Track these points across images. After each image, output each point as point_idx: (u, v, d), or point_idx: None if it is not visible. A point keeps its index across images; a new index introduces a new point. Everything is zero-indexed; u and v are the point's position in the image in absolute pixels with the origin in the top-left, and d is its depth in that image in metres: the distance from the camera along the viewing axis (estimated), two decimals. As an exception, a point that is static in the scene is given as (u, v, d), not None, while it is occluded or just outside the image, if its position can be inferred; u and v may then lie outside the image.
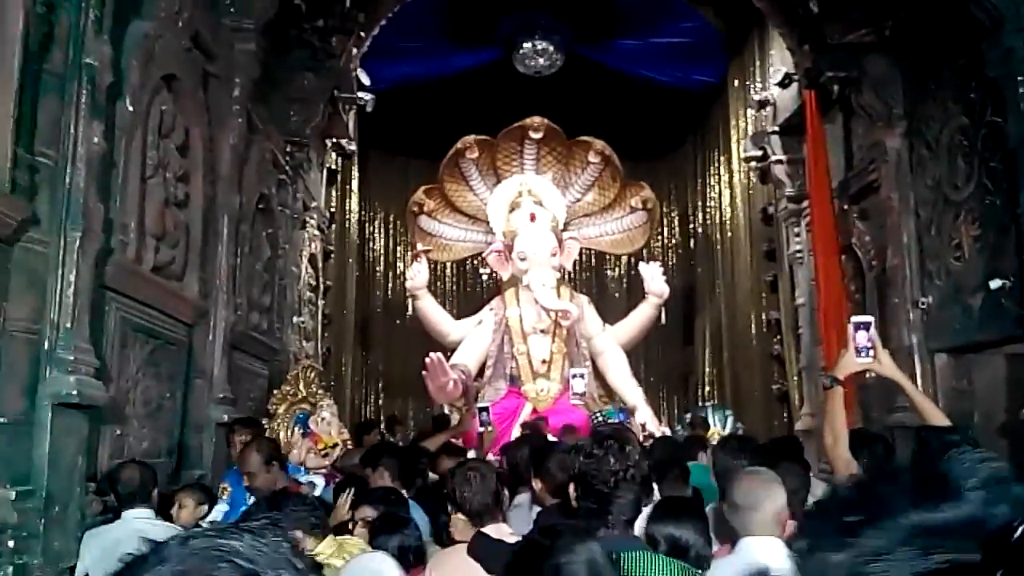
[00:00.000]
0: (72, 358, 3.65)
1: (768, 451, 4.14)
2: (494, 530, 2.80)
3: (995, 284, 5.83)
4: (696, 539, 2.82)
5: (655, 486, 3.36)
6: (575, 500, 2.34)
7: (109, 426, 4.25)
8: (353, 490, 3.91)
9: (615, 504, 2.23)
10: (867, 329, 2.99)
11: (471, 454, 6.20)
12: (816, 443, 6.10)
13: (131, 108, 4.29)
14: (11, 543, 2.77)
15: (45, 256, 3.63)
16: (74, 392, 3.60)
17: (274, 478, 4.01)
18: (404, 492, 3.99)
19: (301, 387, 7.36)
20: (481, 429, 6.66)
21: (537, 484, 3.64)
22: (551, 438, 7.43)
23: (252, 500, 3.85)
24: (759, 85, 9.89)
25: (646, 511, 2.85)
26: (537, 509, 3.69)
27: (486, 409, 6.83)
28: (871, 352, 2.98)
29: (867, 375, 3.26)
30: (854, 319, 3.15)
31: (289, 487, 4.03)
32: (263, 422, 7.01)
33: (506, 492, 3.34)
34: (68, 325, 3.67)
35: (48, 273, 3.64)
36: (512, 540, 2.58)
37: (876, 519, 0.67)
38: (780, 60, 9.13)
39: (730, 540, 2.63)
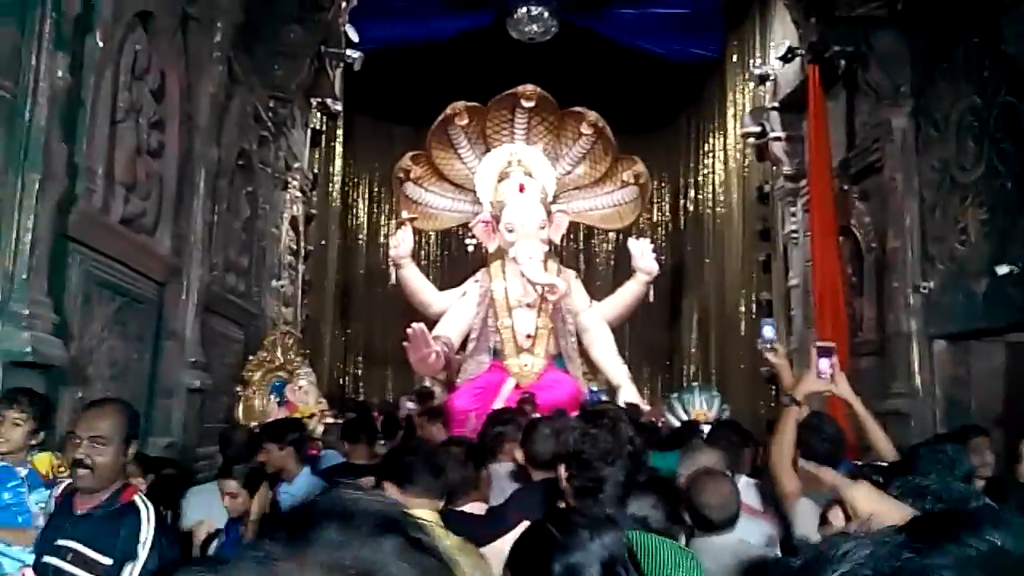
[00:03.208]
0: (27, 312, 3.36)
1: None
2: (471, 507, 2.79)
3: (1002, 270, 5.64)
4: (654, 513, 2.66)
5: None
6: (566, 479, 2.25)
7: (69, 388, 3.93)
8: None
9: (608, 482, 2.17)
10: (829, 356, 3.14)
11: None
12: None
13: (101, 44, 3.96)
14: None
15: (-1, 199, 3.32)
16: (28, 349, 3.31)
17: None
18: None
19: (279, 354, 7.11)
20: None
21: (519, 455, 3.40)
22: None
23: None
24: (759, 59, 9.62)
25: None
26: (515, 485, 3.44)
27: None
28: (831, 376, 3.13)
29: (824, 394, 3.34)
30: (818, 344, 3.32)
31: None
32: (237, 389, 6.76)
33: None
34: (24, 276, 3.38)
35: (2, 218, 3.32)
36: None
37: None
38: (782, 33, 8.86)
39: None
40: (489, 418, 4.41)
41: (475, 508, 2.83)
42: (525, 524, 2.24)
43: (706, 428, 7.59)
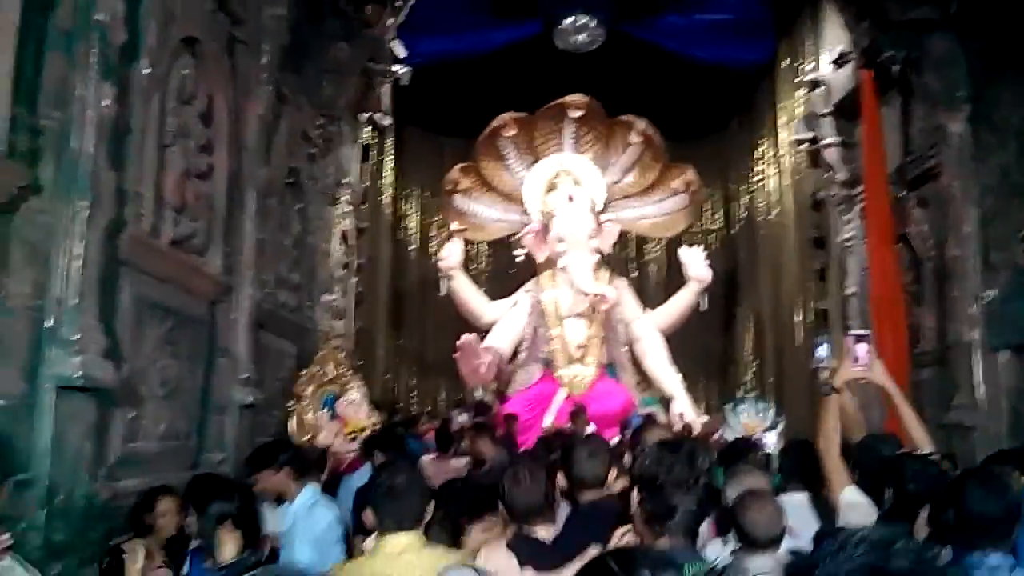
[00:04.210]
0: (77, 337, 3.42)
1: None
2: (543, 531, 2.73)
3: (1067, 278, 5.45)
4: None
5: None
6: (638, 503, 2.29)
7: (121, 409, 4.01)
8: None
9: (679, 510, 2.19)
10: (865, 342, 3.23)
11: None
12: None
13: (148, 70, 4.04)
14: (6, 536, 2.53)
15: (49, 226, 3.39)
16: (78, 374, 3.37)
17: None
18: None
19: (330, 368, 7.17)
20: None
21: (560, 478, 3.38)
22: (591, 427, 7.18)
23: None
24: (811, 64, 9.44)
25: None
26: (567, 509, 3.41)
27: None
28: (867, 362, 3.21)
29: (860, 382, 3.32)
30: (853, 332, 3.41)
31: None
32: (289, 404, 6.83)
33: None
34: (74, 301, 3.44)
35: (52, 245, 3.40)
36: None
37: None
38: (834, 38, 8.69)
39: None
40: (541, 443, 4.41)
41: (548, 532, 2.77)
42: (590, 551, 2.37)
43: (768, 440, 7.50)
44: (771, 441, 7.09)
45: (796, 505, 3.22)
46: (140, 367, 4.26)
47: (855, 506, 2.93)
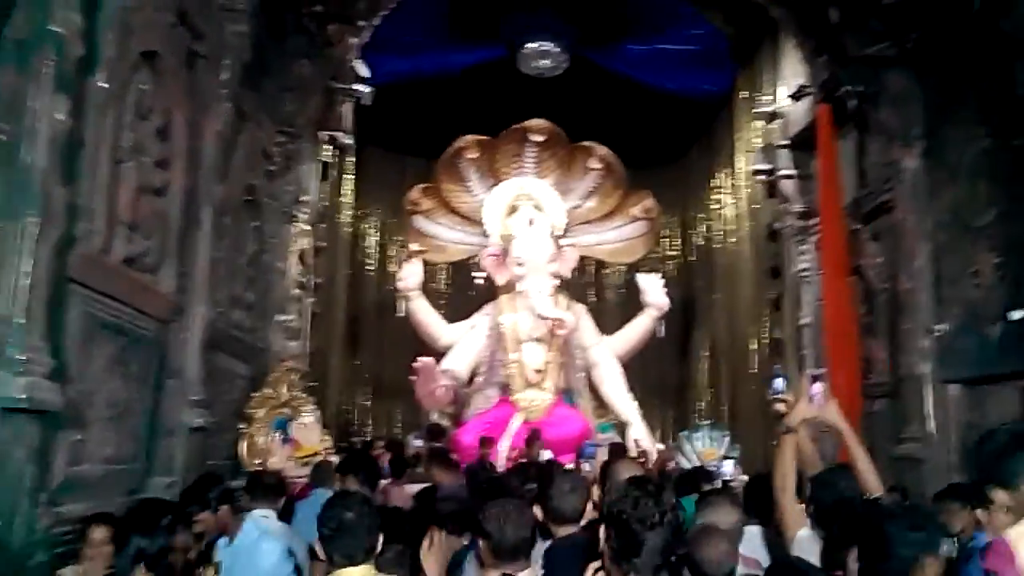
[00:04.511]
0: (24, 358, 3.30)
1: None
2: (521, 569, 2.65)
3: (1016, 315, 5.55)
4: None
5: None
6: (605, 540, 2.30)
7: (66, 432, 3.87)
8: None
9: (645, 547, 2.21)
10: (820, 381, 3.24)
11: None
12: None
13: (105, 84, 3.94)
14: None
15: (-4, 242, 3.29)
16: (23, 396, 3.25)
17: None
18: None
19: (284, 390, 7.05)
20: None
21: (538, 511, 3.32)
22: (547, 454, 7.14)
23: None
24: (769, 97, 9.59)
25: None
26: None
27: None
28: (821, 402, 3.21)
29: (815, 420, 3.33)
30: (809, 371, 3.44)
31: None
32: (241, 427, 6.68)
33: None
34: (20, 320, 3.33)
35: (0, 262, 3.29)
36: None
37: None
38: (792, 72, 8.83)
39: None
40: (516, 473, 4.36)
41: (527, 572, 2.68)
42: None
43: (725, 469, 7.52)
44: (728, 470, 7.12)
45: (751, 536, 3.21)
46: (87, 388, 4.13)
47: (807, 546, 2.93)
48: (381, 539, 2.58)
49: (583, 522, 3.07)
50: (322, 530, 2.51)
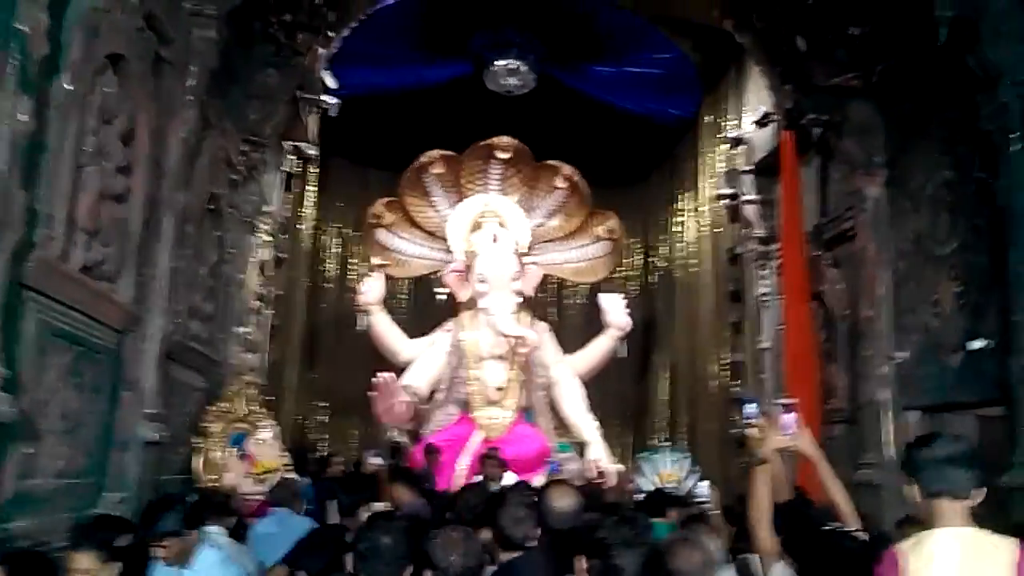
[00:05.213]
0: (-26, 367, 3.17)
1: None
2: None
3: (976, 345, 5.64)
4: None
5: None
6: (587, 571, 2.34)
7: (18, 443, 3.73)
8: None
9: (624, 573, 2.27)
10: (791, 411, 3.27)
11: None
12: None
13: (70, 86, 3.83)
14: None
15: (-50, 247, 3.16)
16: (-28, 407, 3.12)
17: None
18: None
19: (242, 405, 6.91)
20: None
21: (487, 533, 3.26)
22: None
23: None
24: (733, 122, 9.70)
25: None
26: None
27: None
28: (794, 431, 3.23)
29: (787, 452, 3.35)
30: (781, 401, 3.56)
31: None
32: (196, 441, 6.52)
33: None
34: (-28, 328, 3.19)
35: (-47, 267, 3.16)
36: None
37: None
38: (757, 98, 8.95)
39: None
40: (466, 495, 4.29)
41: None
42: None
43: (702, 491, 7.48)
44: (704, 492, 7.09)
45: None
46: (40, 399, 3.98)
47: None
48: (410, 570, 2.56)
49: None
50: (358, 547, 2.53)
